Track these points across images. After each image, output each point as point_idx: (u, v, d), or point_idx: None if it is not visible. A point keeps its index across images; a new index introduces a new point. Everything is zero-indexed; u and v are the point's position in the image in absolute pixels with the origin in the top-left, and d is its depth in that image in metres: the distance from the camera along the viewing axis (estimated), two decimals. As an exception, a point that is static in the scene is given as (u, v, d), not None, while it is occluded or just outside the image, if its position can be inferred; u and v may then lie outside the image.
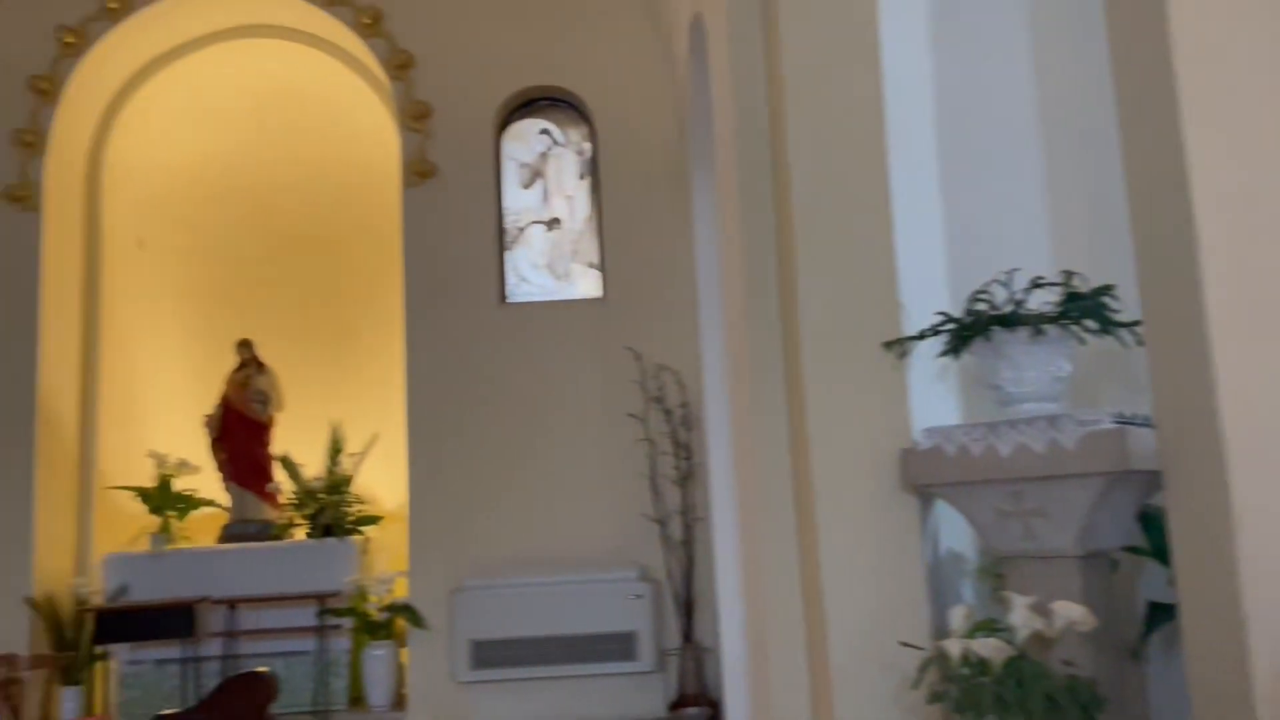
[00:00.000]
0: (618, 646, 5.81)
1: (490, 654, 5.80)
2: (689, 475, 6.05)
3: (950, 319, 2.69)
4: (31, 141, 6.47)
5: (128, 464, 6.86)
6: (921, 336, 2.77)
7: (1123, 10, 2.12)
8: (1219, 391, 1.85)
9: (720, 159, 4.05)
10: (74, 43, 6.54)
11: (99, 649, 6.07)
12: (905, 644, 2.56)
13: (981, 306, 2.63)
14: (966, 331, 2.63)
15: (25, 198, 6.40)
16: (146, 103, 7.14)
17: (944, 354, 2.72)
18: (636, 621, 5.82)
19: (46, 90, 6.52)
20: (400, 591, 6.18)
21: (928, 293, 2.91)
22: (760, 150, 3.37)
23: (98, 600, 6.23)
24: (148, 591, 6.22)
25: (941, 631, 2.54)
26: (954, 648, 2.29)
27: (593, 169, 6.76)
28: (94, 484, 6.66)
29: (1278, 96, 1.93)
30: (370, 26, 6.59)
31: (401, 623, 6.11)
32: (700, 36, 4.69)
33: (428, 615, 6.02)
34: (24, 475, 6.15)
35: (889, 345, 2.83)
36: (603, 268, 6.61)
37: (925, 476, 2.67)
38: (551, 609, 5.78)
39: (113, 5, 6.56)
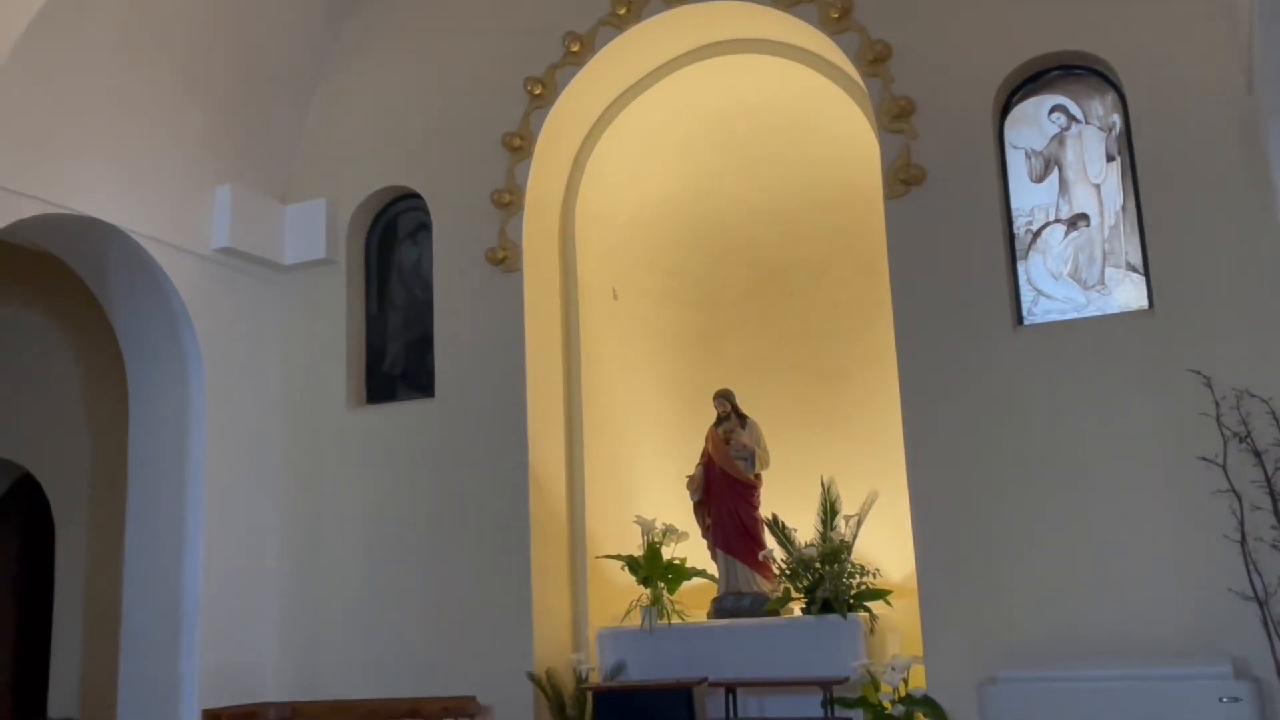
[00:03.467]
0: (1207, 766, 5.19)
1: (1033, 764, 5.48)
2: (1295, 537, 5.29)
3: None
4: (509, 201, 7.49)
5: (615, 531, 7.60)
6: None
7: None
8: None
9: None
10: (542, 94, 7.50)
11: (599, 728, 6.73)
12: None
13: None
14: None
15: (506, 259, 7.42)
16: (612, 145, 7.97)
17: None
18: (1231, 733, 5.16)
19: (519, 147, 7.53)
20: (916, 680, 6.11)
21: None
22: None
23: (595, 677, 6.93)
24: (643, 669, 6.79)
25: None
26: None
27: (1126, 148, 6.27)
28: (585, 553, 7.46)
29: None
30: (839, 20, 6.76)
31: (920, 718, 6.03)
32: (1268, -48, 4.17)
33: (952, 711, 5.87)
34: (521, 545, 7.06)
35: None
36: (1147, 271, 6.08)
37: None
38: (1113, 712, 5.32)
39: (575, 49, 7.43)
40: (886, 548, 7.09)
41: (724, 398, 7.58)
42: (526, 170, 7.52)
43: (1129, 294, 6.20)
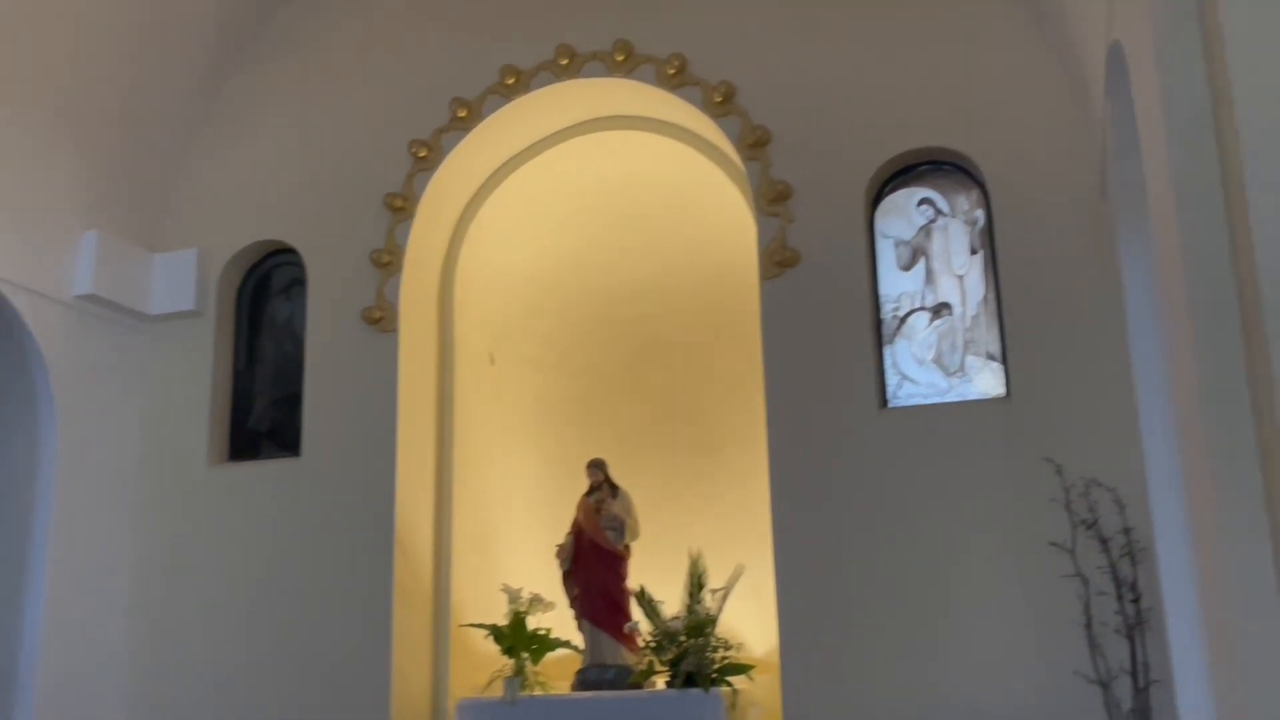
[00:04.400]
0: (1051, 844, 5.36)
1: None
2: (1139, 624, 5.54)
3: None
4: (388, 261, 7.46)
5: (481, 599, 7.51)
6: None
7: None
8: None
9: (1155, 219, 3.80)
10: (426, 156, 7.53)
11: (454, 803, 6.59)
12: None
13: None
14: None
15: (382, 319, 7.37)
16: (495, 211, 8.02)
17: None
18: (1075, 813, 5.35)
19: (401, 208, 7.52)
20: (775, 756, 6.16)
21: None
22: (1209, 206, 3.11)
23: (453, 749, 6.81)
24: (502, 742, 6.68)
25: None
26: None
27: (988, 242, 6.60)
28: (449, 621, 7.35)
29: None
30: (721, 104, 6.98)
31: (777, 795, 6.08)
32: (1119, 69, 4.48)
33: (808, 787, 5.93)
34: (383, 612, 6.93)
35: None
36: (1005, 360, 6.37)
37: None
38: (961, 791, 5.48)
39: (462, 114, 7.49)
40: (751, 622, 7.17)
41: (597, 467, 7.61)
42: (407, 231, 7.51)
43: (988, 382, 6.48)
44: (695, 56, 7.09)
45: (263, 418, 7.85)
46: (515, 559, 7.84)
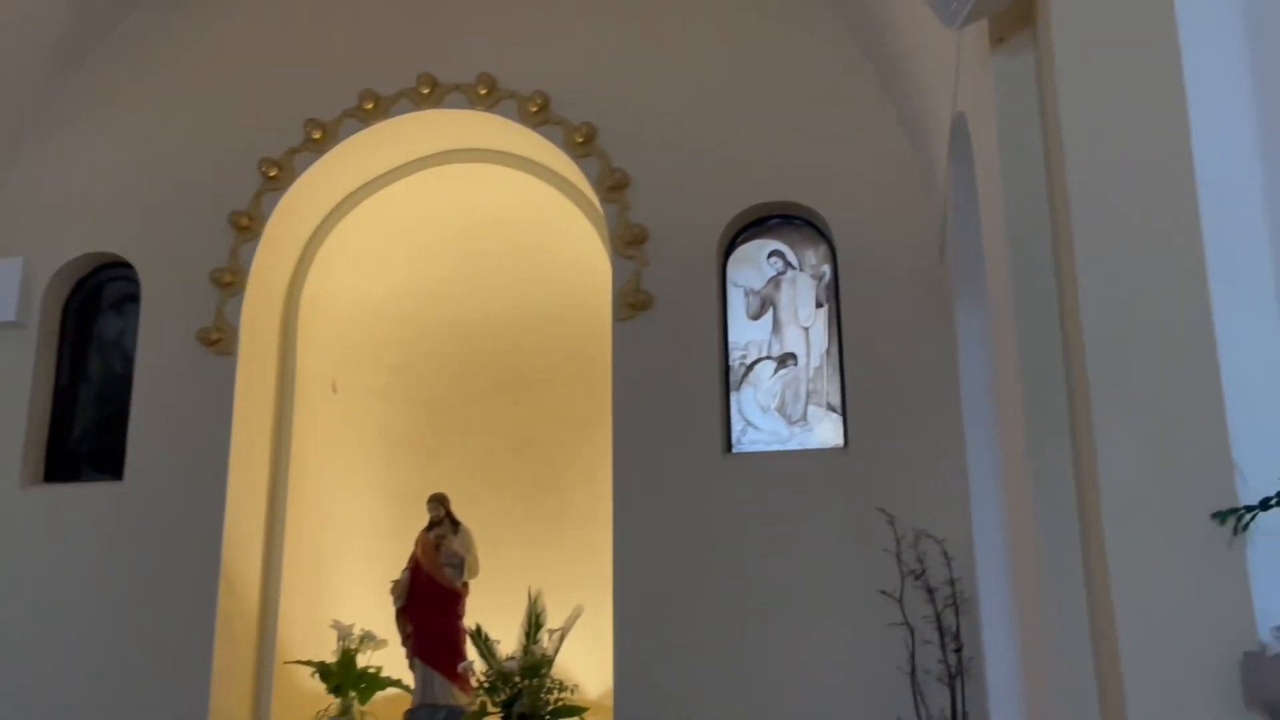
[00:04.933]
0: None
1: None
2: (960, 672, 5.76)
3: (1304, 484, 2.50)
4: (230, 281, 7.24)
5: (310, 635, 7.29)
6: (1265, 506, 2.58)
7: None
8: None
9: (991, 282, 4.00)
10: (277, 176, 7.36)
11: None
12: None
13: (1346, 469, 2.43)
14: (1327, 501, 2.43)
15: (220, 340, 7.14)
16: (346, 237, 7.89)
17: (1297, 529, 2.51)
18: None
19: (247, 227, 7.33)
20: (605, 800, 6.14)
21: (1270, 450, 2.72)
22: (1041, 274, 3.31)
23: (271, 791, 6.55)
24: (325, 784, 6.47)
25: None
26: None
27: (833, 295, 6.83)
28: (274, 658, 7.10)
29: None
30: (582, 145, 7.05)
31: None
32: (962, 138, 4.73)
33: (637, 832, 5.94)
34: (204, 646, 6.64)
35: (1221, 517, 2.65)
36: (845, 412, 6.58)
37: (1277, 688, 2.44)
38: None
39: (316, 136, 7.36)
40: (587, 663, 7.15)
41: (438, 502, 7.50)
42: (252, 251, 7.31)
43: (828, 432, 6.68)
44: (558, 95, 7.15)
45: (84, 438, 7.49)
46: (349, 594, 7.64)
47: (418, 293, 8.17)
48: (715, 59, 7.08)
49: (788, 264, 7.00)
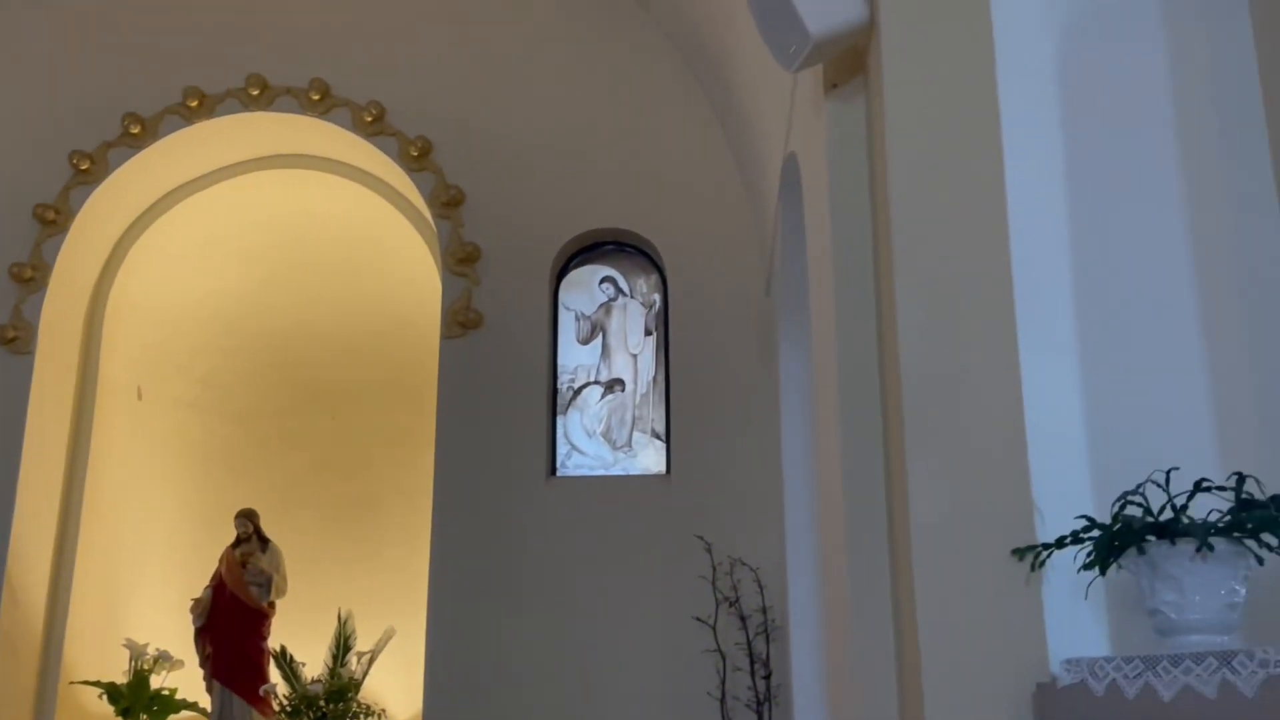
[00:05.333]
0: None
1: None
2: (768, 699, 5.89)
3: (1095, 524, 2.65)
4: (30, 277, 6.83)
5: (100, 654, 6.90)
6: (1060, 544, 2.72)
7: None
8: None
9: (815, 320, 4.12)
10: (89, 170, 6.99)
11: None
12: None
13: (1134, 512, 2.59)
14: (1116, 541, 2.59)
15: (17, 339, 6.71)
16: (161, 238, 7.54)
17: (1088, 567, 2.66)
18: None
19: (53, 221, 6.93)
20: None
21: (1067, 491, 2.88)
22: (863, 314, 3.42)
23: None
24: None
25: None
26: None
27: (662, 324, 6.92)
28: (58, 677, 6.69)
29: None
30: (418, 159, 6.96)
31: None
32: (793, 179, 4.86)
33: None
34: (-19, 664, 6.22)
35: (1020, 553, 2.78)
36: (669, 439, 6.66)
37: (1066, 719, 2.57)
38: None
39: (134, 130, 7.03)
40: (397, 687, 7.00)
41: (246, 518, 7.23)
42: (57, 247, 6.92)
43: (651, 458, 6.75)
44: (395, 107, 7.04)
45: None
46: (146, 612, 7.27)
47: (234, 300, 7.87)
48: (556, 83, 7.10)
49: (619, 290, 7.06)
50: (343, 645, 6.94)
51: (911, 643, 2.88)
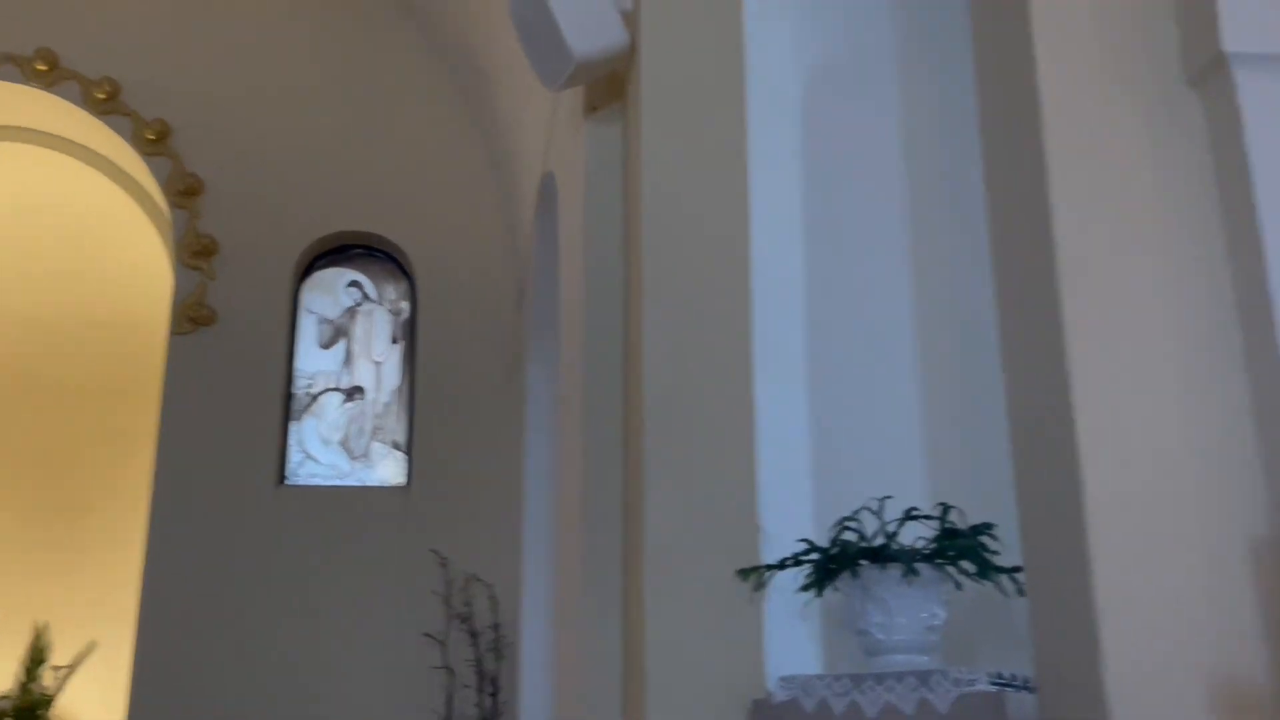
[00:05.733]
0: None
1: None
2: (495, 716, 5.86)
3: (814, 548, 2.78)
4: None
5: None
6: (782, 566, 2.84)
7: (1010, 265, 2.36)
8: (1105, 657, 1.97)
9: (565, 340, 4.16)
10: None
11: None
12: None
13: (850, 536, 2.75)
14: (832, 564, 2.73)
15: None
16: None
17: (806, 588, 2.79)
18: None
19: None
20: None
21: (792, 516, 3.02)
22: (610, 336, 3.49)
23: None
24: None
25: None
26: None
27: (409, 334, 6.80)
28: None
29: (1167, 333, 2.17)
30: (154, 143, 6.57)
31: None
32: (550, 197, 4.90)
33: None
34: None
35: (744, 574, 2.89)
36: (410, 451, 6.54)
37: (780, 735, 2.69)
38: None
39: None
40: (99, 705, 6.55)
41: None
42: None
43: (390, 470, 6.61)
44: (131, 85, 6.63)
45: None
46: None
47: (-67, 278, 7.20)
48: (309, 77, 6.88)
49: (366, 296, 6.89)
50: (36, 658, 6.44)
51: (638, 660, 2.94)
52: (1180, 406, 2.09)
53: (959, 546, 2.66)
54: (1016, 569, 2.51)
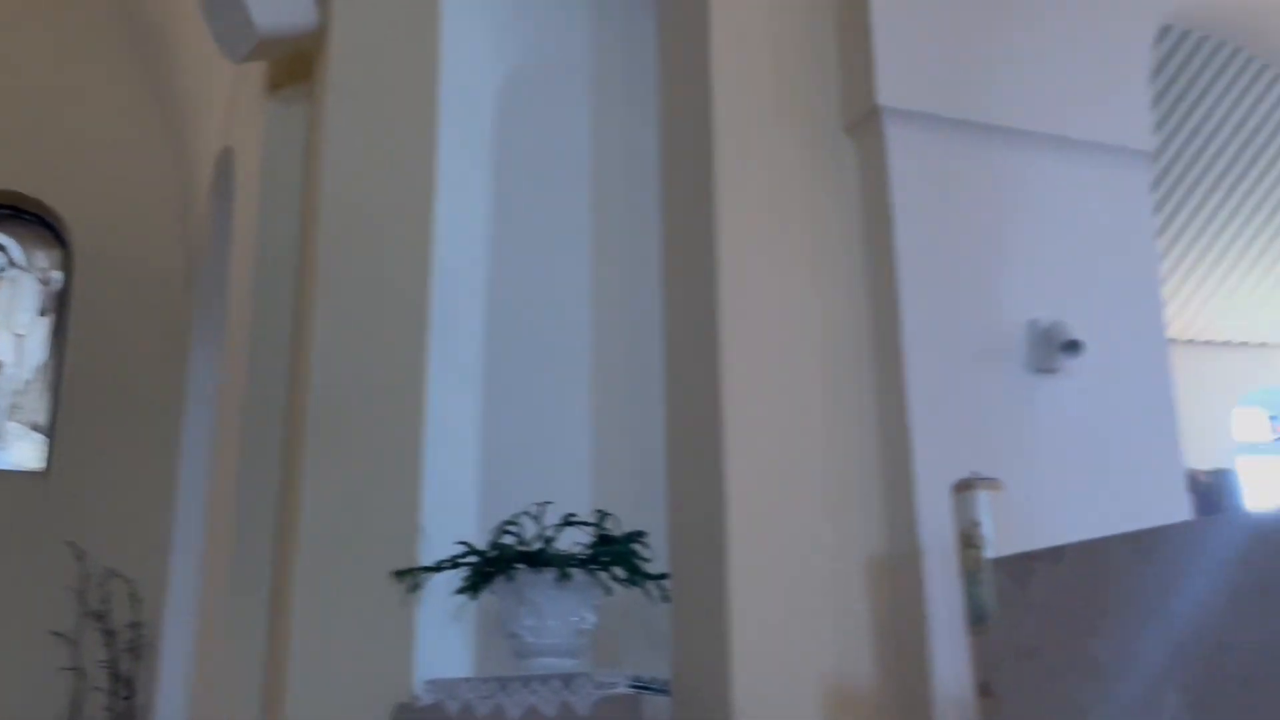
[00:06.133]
0: None
1: None
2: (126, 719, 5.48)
3: (473, 550, 2.79)
4: None
5: None
6: (439, 568, 2.83)
7: (676, 287, 2.46)
8: (733, 663, 2.08)
9: (232, 323, 3.96)
10: None
11: None
12: None
13: (508, 540, 2.76)
14: (489, 567, 2.74)
15: None
16: None
17: (462, 591, 2.79)
18: None
19: None
20: None
21: (458, 520, 3.01)
22: (278, 325, 3.36)
23: None
24: None
25: None
26: None
27: (60, 306, 6.25)
28: None
29: (813, 362, 2.32)
30: None
31: None
32: (227, 175, 4.66)
33: None
34: None
35: (400, 575, 2.85)
36: (52, 433, 6.01)
37: (424, 739, 2.66)
38: None
39: None
40: None
41: None
42: None
43: (26, 453, 6.04)
44: None
45: None
46: None
47: None
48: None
49: (11, 261, 6.28)
50: None
51: (282, 661, 2.84)
52: (820, 432, 2.25)
53: (612, 552, 2.74)
54: (664, 575, 2.62)
